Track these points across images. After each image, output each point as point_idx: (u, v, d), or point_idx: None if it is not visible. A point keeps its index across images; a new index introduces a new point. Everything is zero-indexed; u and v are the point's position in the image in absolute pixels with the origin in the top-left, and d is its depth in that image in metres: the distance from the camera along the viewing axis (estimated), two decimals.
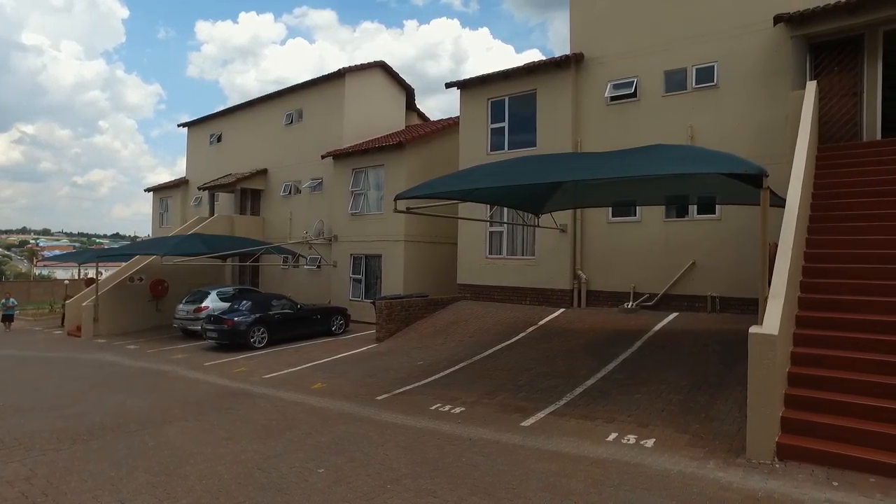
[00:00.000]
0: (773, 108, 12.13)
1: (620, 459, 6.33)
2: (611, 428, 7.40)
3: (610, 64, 14.75)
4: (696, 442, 6.72)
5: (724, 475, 5.76)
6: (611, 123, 14.54)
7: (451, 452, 6.79)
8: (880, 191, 9.25)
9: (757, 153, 11.14)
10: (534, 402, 8.80)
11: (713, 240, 12.90)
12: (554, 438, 7.16)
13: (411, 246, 19.09)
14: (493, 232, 16.86)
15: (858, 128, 11.46)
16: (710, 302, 12.88)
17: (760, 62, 12.57)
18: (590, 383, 9.44)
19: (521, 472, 6.09)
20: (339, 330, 17.71)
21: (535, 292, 15.64)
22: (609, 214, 14.46)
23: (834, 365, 6.79)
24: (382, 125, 22.90)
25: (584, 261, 14.89)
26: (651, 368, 9.76)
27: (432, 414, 8.55)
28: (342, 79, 21.89)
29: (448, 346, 13.41)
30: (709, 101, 13.20)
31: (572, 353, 11.28)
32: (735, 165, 6.63)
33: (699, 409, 7.82)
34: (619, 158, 8.14)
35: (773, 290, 6.49)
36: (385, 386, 10.44)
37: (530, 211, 13.20)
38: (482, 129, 17.02)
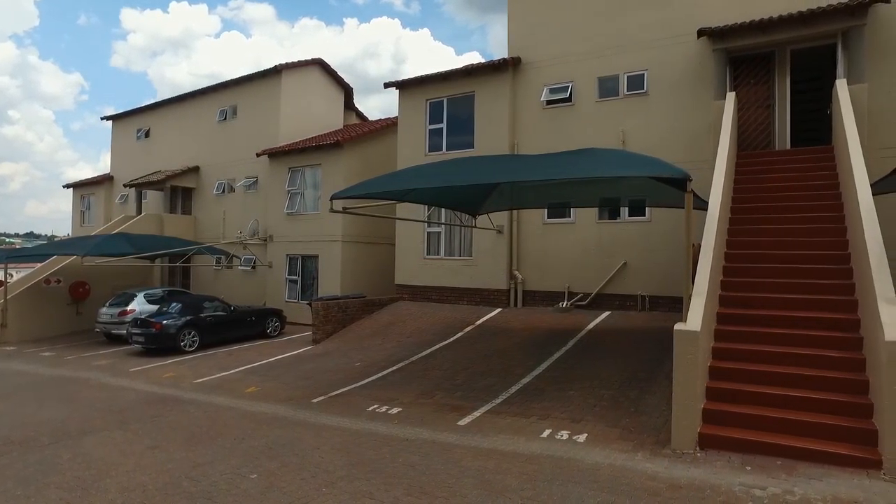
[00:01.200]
0: (698, 115, 12.76)
1: (554, 455, 6.48)
2: (545, 424, 7.56)
3: (546, 69, 15.10)
4: (625, 435, 6.97)
5: (650, 466, 6.01)
6: (547, 126, 14.88)
7: (388, 453, 6.76)
8: (788, 196, 9.92)
9: (684, 158, 11.70)
10: (470, 400, 8.88)
11: (643, 241, 13.43)
12: (490, 436, 7.25)
13: (349, 246, 18.87)
14: (431, 232, 16.90)
15: (772, 137, 12.23)
16: (640, 301, 13.41)
17: (686, 72, 13.20)
18: (525, 381, 9.62)
19: (457, 470, 6.13)
20: (274, 332, 17.29)
21: (473, 292, 15.80)
22: (544, 216, 14.79)
23: (749, 358, 7.21)
24: (320, 124, 22.55)
25: (520, 261, 15.16)
26: (584, 366, 10.05)
27: (369, 415, 8.48)
28: (279, 75, 21.40)
29: (386, 347, 13.34)
30: (639, 108, 13.74)
31: (509, 351, 11.47)
32: (661, 169, 6.94)
33: (629, 404, 8.12)
34: (553, 161, 8.34)
35: (696, 289, 6.83)
36: (321, 388, 10.27)
37: (467, 212, 13.30)
38: (420, 130, 17.03)
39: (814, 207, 9.48)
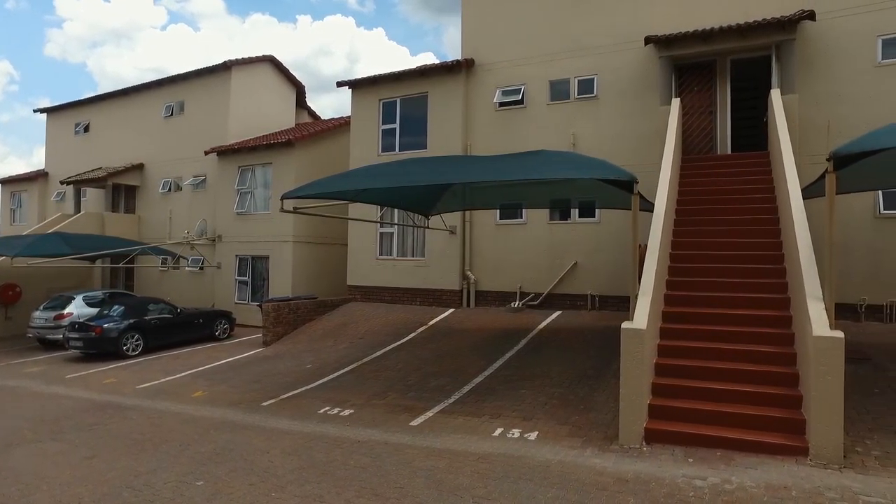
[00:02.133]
0: (645, 120, 13.14)
1: (505, 453, 6.56)
2: (497, 423, 7.64)
3: (499, 71, 15.27)
4: (575, 432, 7.12)
5: (599, 461, 6.16)
6: (499, 128, 15.05)
7: (339, 455, 6.69)
8: (728, 199, 10.38)
9: (631, 161, 12.00)
10: (423, 401, 8.89)
11: (593, 242, 13.75)
12: (442, 436, 7.28)
13: (300, 247, 18.58)
14: (384, 233, 16.83)
15: (714, 142, 12.75)
16: (590, 300, 13.71)
17: (634, 78, 13.58)
18: (478, 381, 9.70)
19: (409, 470, 6.13)
20: (223, 335, 16.84)
21: (426, 293, 15.81)
22: (497, 217, 14.95)
23: (692, 355, 7.49)
24: (271, 122, 22.11)
25: (472, 262, 15.27)
26: (536, 364, 10.21)
27: (321, 417, 8.38)
28: (228, 71, 20.86)
29: (338, 348, 13.20)
30: (589, 111, 14.06)
31: (461, 352, 11.53)
32: (610, 172, 7.13)
33: (579, 402, 8.30)
34: (504, 162, 8.45)
35: (643, 288, 7.04)
36: (272, 391, 10.07)
37: (420, 212, 13.32)
38: (373, 130, 16.93)
39: (751, 210, 9.93)
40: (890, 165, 7.92)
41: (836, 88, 11.77)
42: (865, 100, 11.47)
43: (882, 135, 6.29)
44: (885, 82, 11.52)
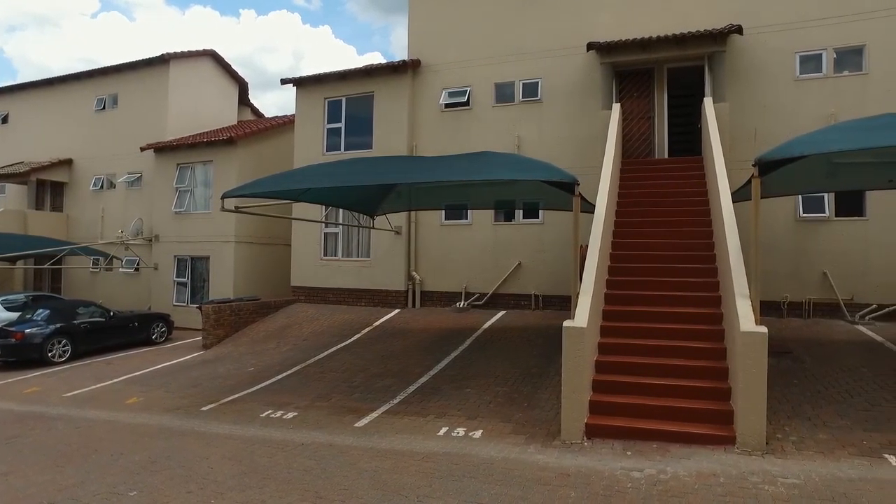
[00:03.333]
0: (587, 124, 13.50)
1: (450, 451, 6.61)
2: (442, 422, 7.69)
3: (445, 72, 15.35)
4: (518, 429, 7.25)
5: (542, 457, 6.29)
6: (445, 129, 15.13)
7: (283, 459, 6.57)
8: (665, 201, 10.83)
9: (573, 164, 12.30)
10: (368, 402, 8.84)
11: (537, 243, 14.02)
12: (387, 436, 7.26)
13: (242, 247, 18.11)
14: (329, 233, 16.62)
15: (652, 146, 13.26)
16: (534, 300, 13.97)
17: (577, 83, 13.94)
18: (423, 381, 9.72)
19: (354, 472, 6.09)
20: (160, 338, 16.19)
21: (371, 294, 15.72)
22: (442, 217, 15.02)
23: (631, 352, 7.77)
24: (212, 119, 21.43)
25: (418, 262, 15.29)
26: (480, 364, 10.32)
27: (263, 421, 8.20)
28: (166, 65, 20.07)
29: (281, 351, 12.94)
30: (533, 114, 14.34)
31: (407, 352, 11.53)
32: (552, 174, 7.30)
33: (522, 399, 8.45)
34: (449, 163, 8.51)
35: (583, 288, 7.25)
36: (211, 395, 9.77)
37: (365, 212, 13.24)
38: (318, 129, 16.70)
39: (686, 212, 10.40)
40: (808, 172, 8.48)
41: (761, 99, 12.47)
42: (787, 111, 12.20)
43: (800, 143, 6.71)
44: (803, 95, 12.31)
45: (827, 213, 12.05)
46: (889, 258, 11.56)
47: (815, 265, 11.97)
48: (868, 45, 12.03)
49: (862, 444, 6.24)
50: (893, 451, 6.03)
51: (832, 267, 11.86)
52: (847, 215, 11.99)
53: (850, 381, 8.24)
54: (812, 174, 9.12)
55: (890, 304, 11.47)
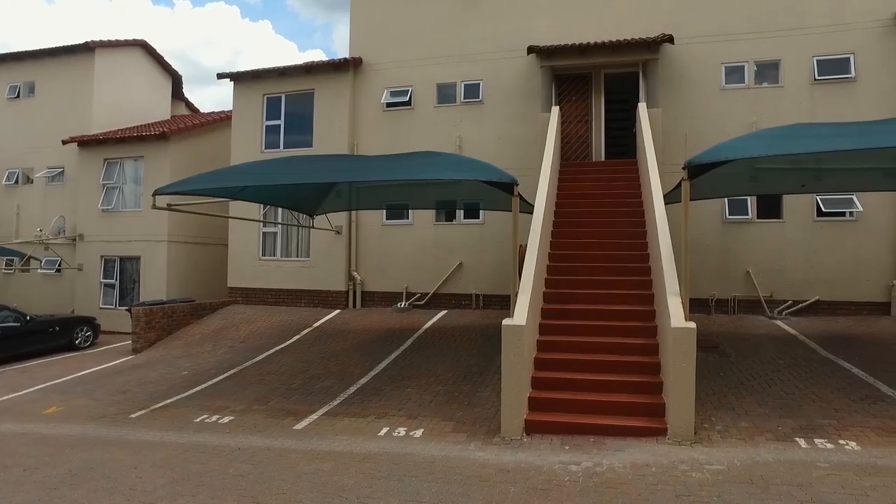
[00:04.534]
0: (528, 126, 13.75)
1: (391, 451, 6.58)
2: (383, 423, 7.64)
3: (387, 71, 15.28)
4: (459, 428, 7.29)
5: (482, 454, 6.35)
6: (387, 129, 15.06)
7: (218, 465, 6.35)
8: (602, 202, 11.18)
9: (514, 165, 12.46)
10: (307, 404, 8.68)
11: (477, 243, 14.16)
12: (327, 438, 7.15)
13: (176, 247, 17.41)
14: (267, 233, 16.22)
15: (590, 149, 13.65)
16: (475, 299, 14.10)
17: (518, 85, 14.18)
18: (364, 381, 9.63)
19: (293, 475, 5.96)
20: (85, 343, 15.32)
21: (311, 294, 15.45)
22: (383, 217, 14.95)
23: (568, 349, 7.97)
24: (143, 113, 20.44)
25: (359, 262, 15.15)
26: (421, 363, 10.33)
27: (197, 426, 7.91)
28: (91, 53, 18.98)
29: (217, 353, 12.53)
30: (475, 115, 14.48)
31: (347, 353, 11.40)
32: (491, 174, 7.39)
33: (463, 398, 8.51)
34: (390, 162, 8.48)
35: (522, 286, 7.37)
36: (141, 401, 9.33)
37: (305, 212, 13.03)
38: (256, 126, 16.27)
39: (622, 213, 10.77)
40: (733, 177, 8.98)
41: (691, 106, 13.08)
42: (714, 117, 12.84)
43: (725, 149, 7.09)
44: (729, 104, 13.01)
45: (750, 216, 12.76)
46: (802, 258, 12.39)
47: (740, 264, 12.65)
48: (783, 60, 12.85)
49: (777, 429, 6.65)
50: (802, 434, 6.48)
51: (754, 266, 12.57)
52: (767, 217, 12.74)
53: (769, 371, 8.77)
54: (736, 179, 9.65)
55: (803, 300, 12.29)
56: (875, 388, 7.92)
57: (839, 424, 6.69)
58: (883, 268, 12.13)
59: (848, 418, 6.88)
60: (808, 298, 12.29)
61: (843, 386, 8.05)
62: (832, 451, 5.98)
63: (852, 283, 12.20)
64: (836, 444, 6.16)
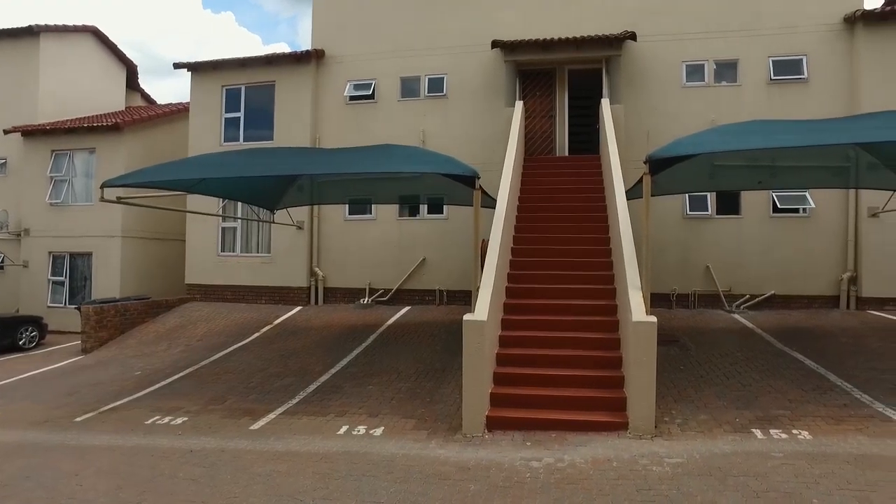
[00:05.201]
0: (492, 121, 13.67)
1: (350, 451, 6.41)
2: (342, 421, 7.46)
3: (350, 64, 15.01)
4: (420, 425, 7.17)
5: (443, 452, 6.24)
6: (350, 122, 14.80)
7: (167, 468, 6.08)
8: (565, 196, 11.19)
9: (478, 160, 12.33)
10: (265, 403, 8.44)
11: (441, 238, 14.04)
12: (284, 438, 6.94)
13: (131, 242, 16.79)
14: (226, 228, 15.77)
15: (554, 145, 13.67)
16: (438, 295, 14.00)
17: (482, 80, 14.10)
18: (324, 379, 9.43)
19: (246, 477, 5.74)
20: (30, 344, 14.62)
21: (272, 291, 15.11)
22: (346, 212, 14.70)
23: (531, 344, 7.92)
24: (96, 103, 19.59)
25: (321, 258, 14.87)
26: (383, 360, 10.17)
27: (148, 428, 7.59)
28: (36, 38, 18.04)
29: (172, 352, 12.11)
30: (439, 110, 14.35)
31: (308, 350, 11.16)
32: (452, 167, 7.28)
33: (425, 395, 8.39)
34: (348, 155, 8.29)
35: (484, 281, 7.28)
36: (89, 404, 8.91)
37: (265, 206, 12.69)
38: (215, 118, 15.80)
39: (585, 208, 10.79)
40: (693, 173, 9.08)
41: (653, 103, 13.22)
42: (675, 115, 12.99)
43: (685, 144, 7.14)
44: (689, 101, 13.20)
45: (709, 212, 12.98)
46: (759, 253, 12.67)
47: (700, 259, 12.86)
48: (741, 60, 13.10)
49: (735, 421, 6.74)
50: (759, 425, 6.58)
51: (714, 261, 12.80)
52: (726, 213, 12.98)
53: (728, 364, 8.91)
54: (696, 174, 9.77)
55: (760, 294, 12.57)
56: (825, 379, 8.12)
57: (793, 415, 6.82)
58: (833, 263, 12.50)
59: (801, 408, 7.02)
60: (765, 293, 12.58)
61: (796, 377, 8.23)
62: (786, 440, 6.08)
63: (804, 278, 12.54)
64: (789, 433, 6.27)
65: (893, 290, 12.18)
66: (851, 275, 12.36)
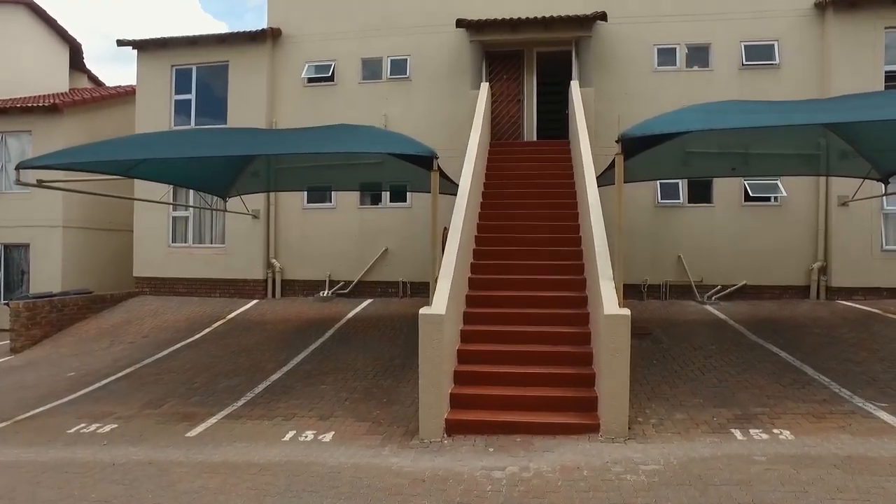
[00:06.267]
0: (458, 105, 13.02)
1: (294, 460, 5.75)
2: (289, 426, 6.79)
3: (308, 44, 14.19)
4: (374, 429, 6.54)
5: (396, 460, 5.63)
6: (308, 105, 13.97)
7: (78, 488, 5.32)
8: (533, 183, 10.64)
9: (444, 145, 11.59)
10: (208, 405, 7.71)
11: (404, 227, 13.37)
12: (223, 446, 6.24)
13: (75, 233, 15.67)
14: (178, 217, 14.83)
15: (521, 129, 13.12)
16: (402, 287, 13.35)
17: (447, 61, 13.43)
18: (275, 378, 8.73)
19: (170, 496, 5.04)
20: None
21: (226, 284, 14.25)
22: (304, 200, 13.92)
23: (495, 339, 7.33)
24: (34, 83, 18.24)
25: (278, 249, 14.07)
26: (340, 357, 9.50)
27: (70, 438, 6.79)
28: None
29: (113, 351, 11.22)
30: (402, 92, 13.65)
31: (260, 347, 10.43)
32: (408, 147, 6.63)
33: (383, 394, 7.76)
34: (295, 136, 7.59)
35: (443, 271, 6.67)
36: (6, 411, 7.98)
37: (215, 193, 11.85)
38: (164, 100, 14.79)
39: (553, 194, 10.27)
40: (665, 158, 8.66)
41: (624, 87, 12.76)
42: (647, 99, 12.49)
43: (660, 122, 6.64)
44: (661, 85, 12.76)
45: (681, 200, 12.62)
46: (730, 242, 12.37)
47: (672, 249, 12.50)
48: (713, 44, 12.75)
49: (713, 420, 6.29)
50: (738, 424, 6.14)
51: (685, 251, 12.45)
52: (698, 202, 12.63)
53: (702, 358, 8.51)
54: (669, 160, 9.36)
55: (731, 284, 12.28)
56: (802, 373, 7.77)
57: (772, 412, 6.40)
58: (803, 252, 12.28)
59: (780, 405, 6.61)
60: (736, 283, 12.28)
61: (772, 371, 7.85)
62: (767, 441, 5.64)
63: (776, 268, 12.29)
64: (770, 433, 5.83)
65: (862, 280, 12.01)
66: (821, 265, 12.14)
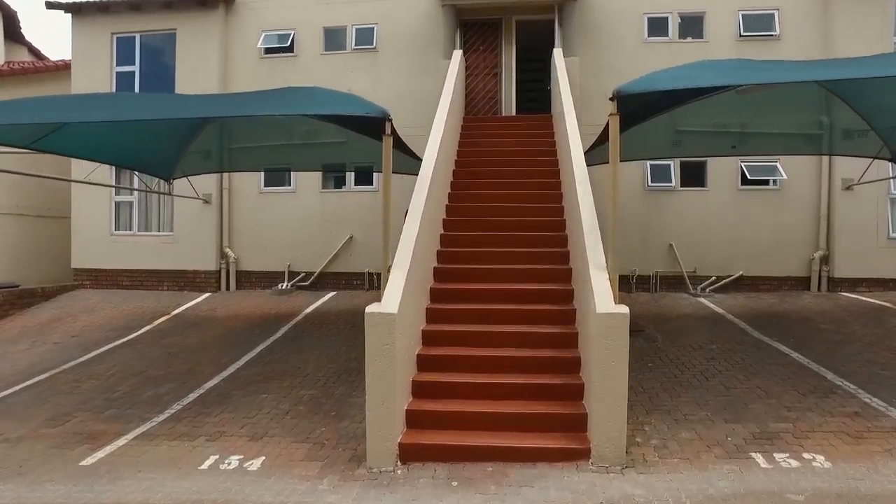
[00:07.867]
0: (430, 78, 11.74)
1: (206, 498, 4.54)
2: (213, 448, 5.55)
3: (265, 11, 12.80)
4: (314, 453, 5.32)
5: (335, 498, 4.45)
6: (265, 78, 12.46)
7: None
8: (508, 160, 9.47)
9: (413, 121, 10.57)
10: (122, 421, 6.43)
11: (371, 213, 12.05)
12: (122, 479, 4.98)
13: (2, 220, 14.13)
14: (121, 202, 13.38)
15: (499, 104, 11.94)
16: (368, 279, 12.12)
17: (418, 31, 12.17)
18: (210, 384, 7.45)
19: None
20: None
21: (175, 275, 12.87)
22: (261, 183, 12.57)
23: (464, 342, 6.14)
24: None
25: (232, 237, 12.71)
26: (290, 359, 8.25)
27: None
28: None
29: (33, 353, 9.81)
30: (368, 64, 12.36)
31: (203, 347, 9.13)
32: (357, 108, 5.40)
33: (332, 406, 6.54)
34: (228, 101, 6.32)
35: (397, 260, 5.45)
36: None
37: (157, 175, 10.51)
38: (104, 72, 13.26)
39: (534, 173, 9.11)
40: (656, 136, 7.60)
41: (612, 60, 11.60)
42: (637, 73, 11.04)
43: (664, 78, 5.50)
44: (652, 58, 11.51)
45: (673, 183, 11.56)
46: (726, 230, 11.36)
47: (662, 237, 11.45)
48: (708, 13, 11.70)
49: (727, 440, 5.19)
50: (758, 446, 5.06)
51: (678, 239, 11.40)
52: (691, 186, 11.59)
53: (703, 359, 7.44)
54: (661, 136, 8.33)
55: (727, 275, 11.29)
56: (821, 377, 6.72)
57: (796, 430, 5.32)
58: (804, 241, 11.30)
59: (804, 419, 5.54)
60: (732, 273, 11.27)
61: (786, 375, 6.80)
62: (799, 471, 4.55)
63: (774, 257, 11.30)
64: (800, 459, 4.75)
65: (867, 271, 11.07)
66: (823, 254, 11.18)
